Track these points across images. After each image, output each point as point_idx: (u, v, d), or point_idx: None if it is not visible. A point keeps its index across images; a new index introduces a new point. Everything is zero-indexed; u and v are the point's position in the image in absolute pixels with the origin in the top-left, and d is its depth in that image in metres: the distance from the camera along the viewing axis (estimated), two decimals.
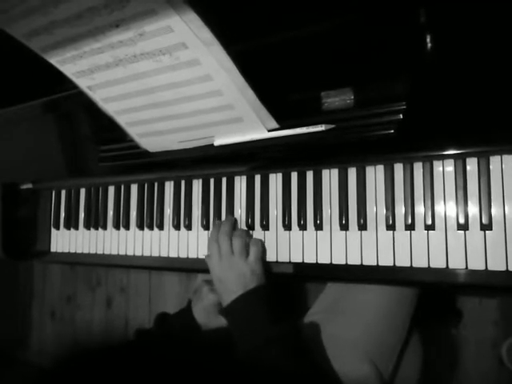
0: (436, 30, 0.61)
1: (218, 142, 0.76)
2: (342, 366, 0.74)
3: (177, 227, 0.91)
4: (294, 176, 0.80)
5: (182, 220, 0.91)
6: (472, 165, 0.66)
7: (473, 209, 0.66)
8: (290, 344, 0.69)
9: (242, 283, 0.74)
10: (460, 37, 0.61)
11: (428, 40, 0.62)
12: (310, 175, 0.78)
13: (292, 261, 0.79)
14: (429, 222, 0.68)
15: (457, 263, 0.66)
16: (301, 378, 0.67)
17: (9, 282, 2.35)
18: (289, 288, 1.04)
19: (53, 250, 1.11)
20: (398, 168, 0.71)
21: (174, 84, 0.67)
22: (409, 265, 0.69)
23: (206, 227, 0.88)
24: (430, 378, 1.26)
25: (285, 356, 0.68)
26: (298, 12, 0.69)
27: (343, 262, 0.74)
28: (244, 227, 0.84)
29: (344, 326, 0.81)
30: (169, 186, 0.94)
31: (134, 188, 0.98)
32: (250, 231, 0.83)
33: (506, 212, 0.64)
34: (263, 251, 0.80)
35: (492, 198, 0.65)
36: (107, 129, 0.85)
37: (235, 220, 0.84)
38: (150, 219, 0.95)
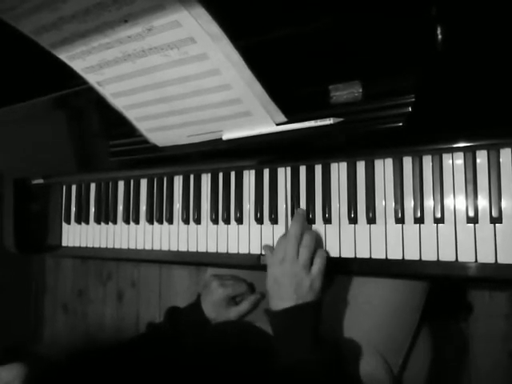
0: (446, 21, 0.61)
1: (226, 136, 0.76)
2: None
3: (186, 221, 0.92)
4: (303, 170, 0.80)
5: (192, 214, 0.91)
6: (482, 158, 0.66)
7: (482, 202, 0.65)
8: (329, 367, 0.68)
9: (298, 294, 0.70)
10: (470, 29, 0.60)
11: (438, 32, 0.61)
12: (318, 169, 0.78)
13: None
14: (438, 215, 0.68)
15: (466, 256, 0.66)
16: None
17: (21, 277, 2.38)
18: None
19: (64, 244, 1.12)
20: (407, 161, 0.71)
21: (182, 78, 0.67)
22: (418, 258, 0.69)
23: (215, 221, 0.88)
24: (439, 372, 1.25)
25: (322, 377, 0.66)
26: (306, 5, 0.69)
27: (352, 256, 0.74)
28: (253, 221, 0.84)
29: (353, 320, 0.81)
30: (178, 181, 0.94)
31: (144, 182, 0.99)
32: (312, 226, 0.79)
33: None
34: (326, 264, 0.74)
35: (502, 190, 0.64)
36: (117, 124, 0.86)
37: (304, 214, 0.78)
38: (159, 213, 0.95)
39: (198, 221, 0.90)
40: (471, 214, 0.66)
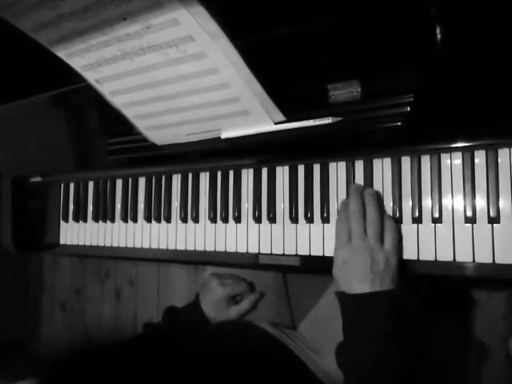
0: (445, 21, 0.61)
1: (224, 135, 0.76)
2: None
3: (184, 220, 0.92)
4: (301, 169, 0.80)
5: (190, 213, 0.91)
6: (480, 158, 0.66)
7: (480, 202, 0.65)
8: (400, 371, 0.62)
9: (374, 272, 0.64)
10: (469, 28, 0.60)
11: (437, 32, 0.61)
12: (316, 168, 0.78)
13: (299, 253, 0.79)
14: (436, 215, 0.68)
15: (464, 256, 0.66)
16: None
17: (19, 275, 2.38)
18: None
19: (62, 242, 1.12)
20: (406, 161, 0.71)
21: (180, 77, 0.67)
22: (416, 258, 0.69)
23: (213, 220, 0.88)
24: (438, 372, 1.26)
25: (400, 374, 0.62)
26: (305, 4, 0.69)
27: None
28: (251, 220, 0.84)
29: None
30: (176, 179, 0.94)
31: (142, 181, 0.99)
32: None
33: None
34: (400, 240, 0.69)
35: (500, 191, 0.64)
36: (115, 122, 0.86)
37: (376, 193, 0.71)
38: (157, 212, 0.95)
39: (196, 219, 0.90)
40: (469, 213, 0.66)
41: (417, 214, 0.69)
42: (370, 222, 0.67)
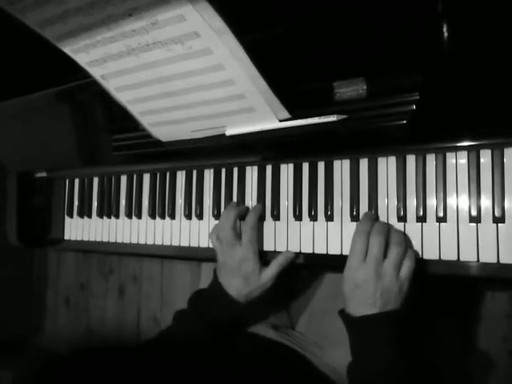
0: (452, 18, 0.60)
1: (229, 132, 0.76)
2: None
3: (188, 216, 0.92)
4: (306, 166, 0.80)
5: (194, 209, 0.91)
6: (486, 157, 0.65)
7: (485, 201, 0.65)
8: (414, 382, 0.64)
9: (384, 300, 0.64)
10: (477, 26, 0.60)
11: (444, 29, 0.61)
12: (321, 166, 0.78)
13: (302, 251, 0.79)
14: (440, 214, 0.68)
15: (468, 256, 0.66)
16: None
17: (24, 270, 2.39)
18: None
19: (66, 237, 1.12)
20: (411, 159, 0.71)
21: (186, 73, 0.67)
22: (420, 257, 0.69)
23: (217, 217, 0.88)
24: (440, 371, 1.25)
25: None
26: (312, 0, 0.69)
27: None
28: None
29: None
30: (180, 176, 0.94)
31: (147, 177, 0.99)
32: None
33: None
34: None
35: (505, 190, 0.64)
36: (120, 118, 0.86)
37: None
38: (161, 208, 0.95)
39: (200, 216, 0.90)
40: (474, 213, 0.66)
41: (421, 213, 0.69)
42: (396, 245, 0.65)
